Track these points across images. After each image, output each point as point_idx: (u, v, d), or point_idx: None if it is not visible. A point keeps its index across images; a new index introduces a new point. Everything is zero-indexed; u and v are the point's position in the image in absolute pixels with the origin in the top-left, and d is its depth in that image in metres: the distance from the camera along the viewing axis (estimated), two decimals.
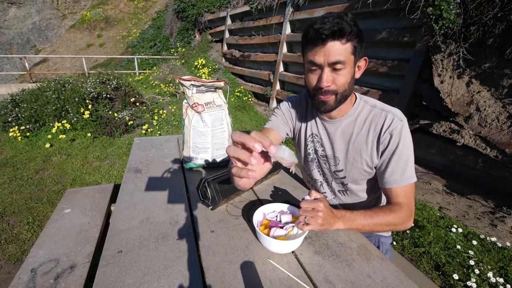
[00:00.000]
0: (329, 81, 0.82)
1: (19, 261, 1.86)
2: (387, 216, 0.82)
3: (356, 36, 0.78)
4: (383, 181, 0.91)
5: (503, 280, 1.64)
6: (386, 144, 0.89)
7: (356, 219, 0.79)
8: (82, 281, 1.02)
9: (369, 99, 0.96)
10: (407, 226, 0.87)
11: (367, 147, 0.93)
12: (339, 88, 0.84)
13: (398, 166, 0.87)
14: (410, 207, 0.86)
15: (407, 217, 0.85)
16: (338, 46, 0.77)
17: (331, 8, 4.06)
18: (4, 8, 17.16)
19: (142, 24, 16.64)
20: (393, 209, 0.84)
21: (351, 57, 0.80)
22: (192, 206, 0.98)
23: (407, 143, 0.88)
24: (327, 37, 0.76)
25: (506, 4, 2.29)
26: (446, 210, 2.43)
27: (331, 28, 0.75)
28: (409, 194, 0.88)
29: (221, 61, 7.88)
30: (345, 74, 0.82)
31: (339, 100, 0.87)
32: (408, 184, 0.87)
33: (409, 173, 0.87)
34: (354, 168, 0.97)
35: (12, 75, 14.60)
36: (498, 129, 2.38)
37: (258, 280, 0.66)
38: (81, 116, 4.06)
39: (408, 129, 0.89)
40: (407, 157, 0.87)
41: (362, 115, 0.94)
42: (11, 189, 2.70)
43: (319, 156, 1.05)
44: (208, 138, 1.19)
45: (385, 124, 0.89)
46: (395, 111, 0.91)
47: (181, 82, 1.14)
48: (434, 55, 2.78)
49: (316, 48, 0.80)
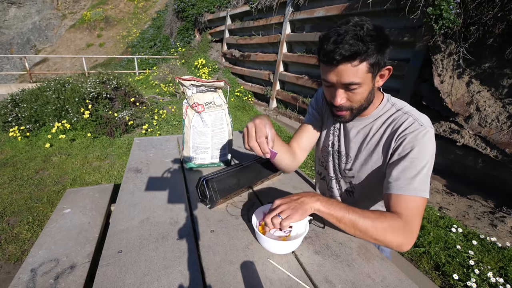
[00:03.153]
0: (342, 100, 0.79)
1: (19, 261, 1.86)
2: (376, 218, 0.69)
3: (375, 52, 0.70)
4: (386, 185, 0.79)
5: (503, 280, 1.64)
6: (397, 146, 0.80)
7: (336, 205, 0.71)
8: (82, 281, 1.02)
9: (398, 102, 0.89)
10: (402, 246, 0.70)
11: (379, 149, 0.87)
12: (355, 104, 0.80)
13: (407, 173, 0.75)
14: (410, 224, 0.71)
15: (401, 231, 0.70)
16: (351, 68, 0.71)
17: (331, 8, 4.06)
18: (4, 8, 17.16)
19: (142, 24, 16.63)
20: (385, 214, 0.72)
21: (367, 75, 0.74)
22: (192, 206, 0.98)
23: (425, 151, 0.76)
24: (339, 62, 0.70)
25: (506, 4, 2.29)
26: (446, 210, 2.43)
27: (342, 54, 0.68)
28: (413, 208, 0.72)
29: (221, 61, 7.88)
30: (361, 92, 0.77)
31: (355, 114, 0.84)
32: (415, 196, 0.73)
33: (418, 185, 0.73)
34: (363, 169, 0.93)
35: (12, 75, 14.60)
36: (498, 129, 2.38)
37: (258, 280, 0.66)
38: (81, 116, 4.06)
39: (432, 139, 0.78)
40: (421, 167, 0.75)
41: (384, 117, 0.88)
42: (11, 189, 2.70)
43: (334, 150, 1.03)
44: (208, 138, 1.19)
45: (402, 126, 0.81)
46: (420, 116, 0.82)
47: (181, 82, 1.14)
48: (434, 55, 2.78)
49: (328, 68, 0.75)
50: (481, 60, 2.57)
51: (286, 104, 5.46)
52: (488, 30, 2.47)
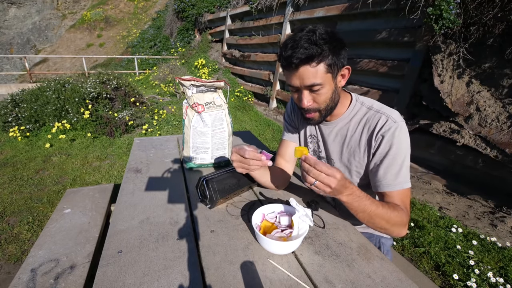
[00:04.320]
0: (309, 101, 0.84)
1: (19, 261, 1.86)
2: (391, 212, 0.79)
3: (330, 53, 0.76)
4: (375, 184, 0.88)
5: (503, 280, 1.64)
6: (377, 146, 0.87)
7: (363, 200, 0.76)
8: (82, 281, 1.02)
9: (366, 100, 0.94)
10: (401, 233, 0.83)
11: (360, 149, 0.92)
12: (321, 105, 0.86)
13: (391, 169, 0.84)
14: (408, 213, 0.83)
15: (404, 221, 0.81)
16: (310, 70, 0.77)
17: (331, 8, 4.06)
18: (4, 8, 17.16)
19: (142, 24, 16.64)
20: (397, 208, 0.81)
21: (327, 75, 0.80)
22: (192, 206, 0.98)
23: (402, 146, 0.84)
24: (297, 65, 0.77)
25: (506, 4, 2.28)
26: (446, 210, 2.43)
27: (299, 57, 0.75)
28: (405, 199, 0.84)
29: (221, 61, 7.87)
30: (325, 92, 0.82)
31: (324, 114, 0.89)
32: (402, 189, 0.84)
33: (403, 178, 0.84)
34: (348, 170, 0.98)
35: (12, 75, 14.60)
36: (498, 129, 2.38)
37: (258, 280, 0.66)
38: (81, 116, 4.06)
39: (405, 132, 0.86)
40: (402, 161, 0.84)
41: (357, 117, 0.92)
42: (11, 189, 2.70)
43: (317, 157, 1.07)
44: (208, 138, 1.19)
45: (377, 126, 0.86)
46: (391, 112, 0.88)
47: (181, 82, 1.14)
48: (434, 55, 2.78)
49: (290, 73, 0.81)
50: (481, 60, 2.57)
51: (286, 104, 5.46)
52: (488, 30, 2.47)
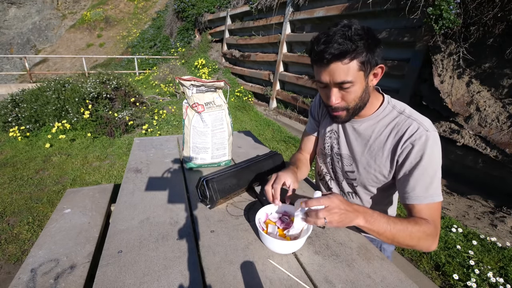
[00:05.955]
0: (337, 99, 0.80)
1: (19, 261, 1.86)
2: (411, 226, 0.74)
3: (364, 50, 0.72)
4: (403, 195, 0.82)
5: (503, 280, 1.64)
6: (406, 154, 0.81)
7: (379, 220, 0.72)
8: (82, 281, 1.02)
9: (398, 104, 0.89)
10: (431, 247, 0.76)
11: (383, 154, 0.87)
12: (350, 104, 0.81)
13: (422, 181, 0.78)
14: (437, 227, 0.77)
15: (432, 235, 0.75)
16: (342, 67, 0.73)
17: (331, 8, 4.06)
18: (4, 8, 17.16)
19: (142, 24, 16.63)
20: (419, 222, 0.76)
21: (359, 73, 0.75)
22: (192, 206, 0.98)
23: (434, 157, 0.79)
24: (329, 61, 0.73)
25: (506, 4, 2.29)
26: (446, 210, 2.43)
27: (331, 53, 0.71)
28: (435, 213, 0.78)
29: (221, 61, 7.87)
30: (355, 91, 0.78)
31: (352, 113, 0.85)
32: (432, 202, 0.78)
33: (434, 191, 0.78)
34: (366, 172, 0.93)
35: (12, 75, 14.60)
36: (498, 129, 2.38)
37: (258, 280, 0.66)
38: (81, 116, 4.06)
39: (438, 142, 0.80)
40: (433, 173, 0.79)
41: (386, 119, 0.87)
42: (11, 189, 2.70)
43: (333, 153, 1.03)
44: (208, 138, 1.19)
45: (407, 133, 0.81)
46: (423, 120, 0.82)
47: (181, 82, 1.14)
48: (434, 55, 2.78)
49: (320, 69, 0.77)
50: (481, 60, 2.57)
51: (286, 104, 5.46)
52: (488, 30, 2.47)
